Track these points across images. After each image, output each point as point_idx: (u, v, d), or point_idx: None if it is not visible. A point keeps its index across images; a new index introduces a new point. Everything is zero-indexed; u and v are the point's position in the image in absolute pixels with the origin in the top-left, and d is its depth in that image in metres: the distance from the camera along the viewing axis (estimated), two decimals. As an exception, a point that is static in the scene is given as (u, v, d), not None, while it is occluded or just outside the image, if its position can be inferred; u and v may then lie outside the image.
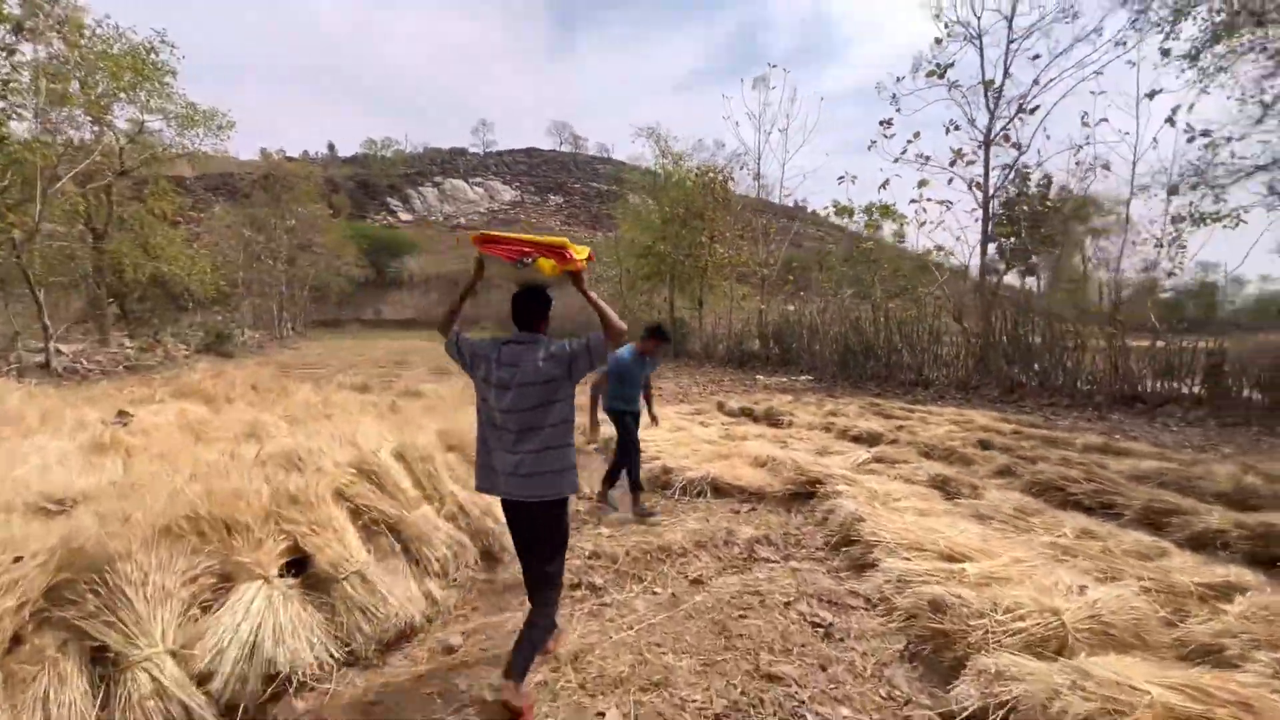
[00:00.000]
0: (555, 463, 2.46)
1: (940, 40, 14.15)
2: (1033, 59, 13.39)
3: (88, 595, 2.46)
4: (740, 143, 53.14)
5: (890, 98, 15.02)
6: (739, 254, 20.88)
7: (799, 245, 27.31)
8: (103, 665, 2.39)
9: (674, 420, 8.10)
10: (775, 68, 21.98)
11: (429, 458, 3.84)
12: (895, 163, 15.16)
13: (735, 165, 22.43)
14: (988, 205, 14.23)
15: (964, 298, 16.48)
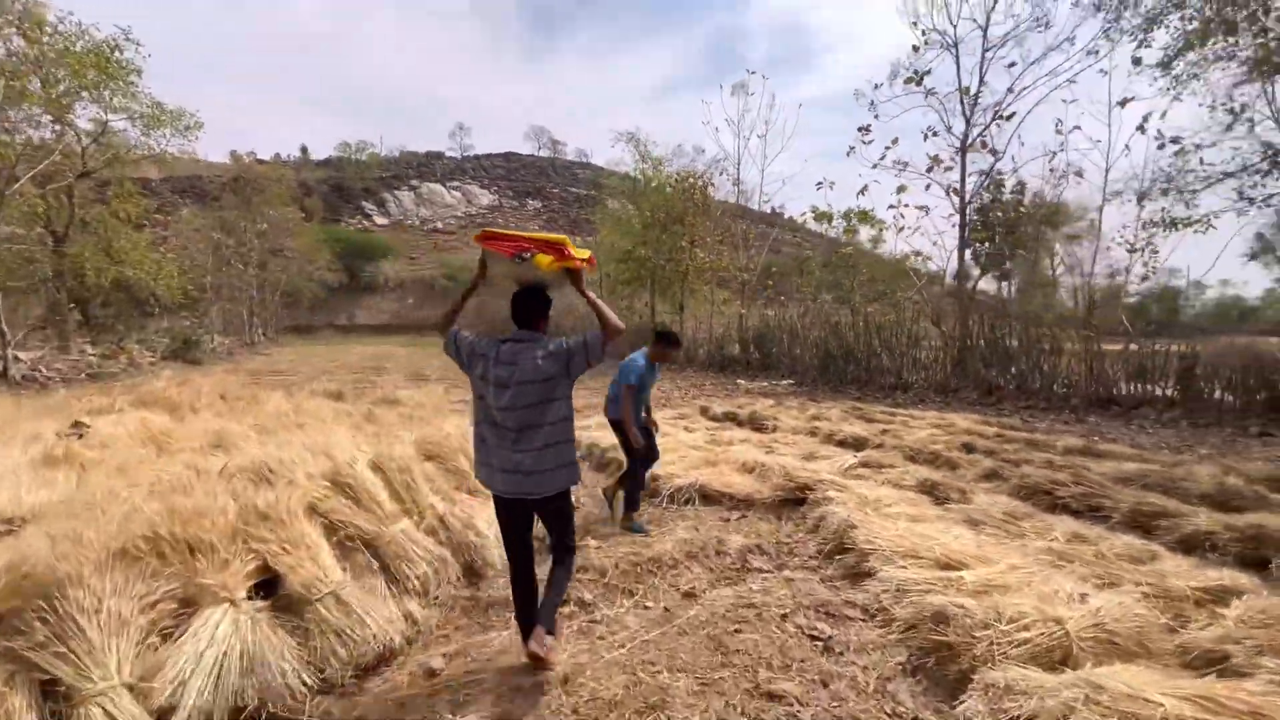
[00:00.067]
0: (556, 459, 2.51)
1: (918, 48, 14.34)
2: (1008, 66, 13.63)
3: (36, 624, 2.27)
4: (720, 148, 53.48)
5: (869, 104, 15.18)
6: (719, 259, 20.90)
7: (777, 251, 27.45)
8: (54, 700, 2.21)
9: (659, 426, 7.98)
10: (754, 74, 22.12)
11: (407, 469, 3.66)
12: (874, 169, 15.31)
13: (715, 171, 22.50)
14: (964, 210, 14.41)
15: (941, 302, 16.68)
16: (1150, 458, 6.50)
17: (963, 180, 14.39)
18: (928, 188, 15.00)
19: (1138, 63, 11.22)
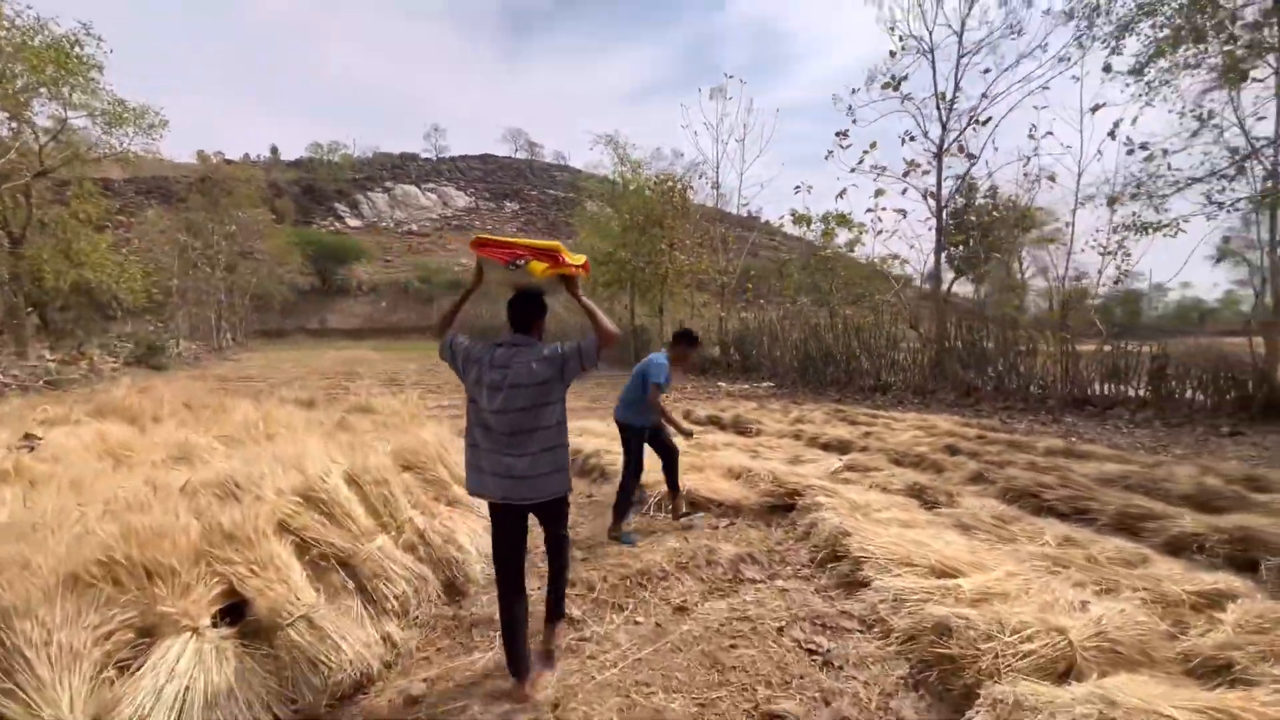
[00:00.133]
0: (551, 464, 2.49)
1: (895, 53, 14.47)
2: (983, 73, 13.83)
3: (-23, 660, 2.06)
4: (699, 151, 53.56)
5: (846, 109, 15.28)
6: (699, 262, 20.89)
7: (755, 255, 27.60)
8: (-1, 743, 2.01)
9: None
10: (732, 78, 22.18)
11: (384, 481, 3.48)
12: (852, 173, 15.42)
13: (694, 174, 22.50)
14: (941, 214, 14.57)
15: (918, 305, 16.86)
16: (1129, 458, 6.57)
17: (939, 184, 14.56)
18: (904, 191, 15.18)
19: (1108, 69, 11.46)
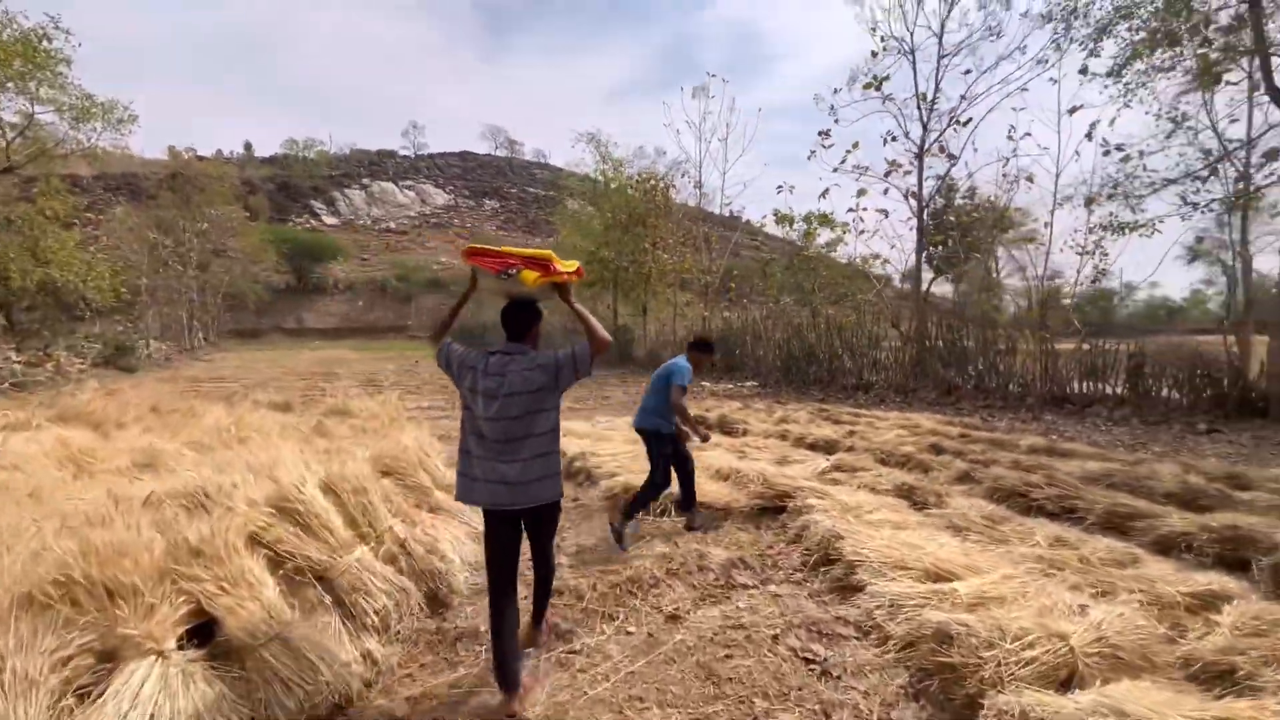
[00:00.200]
0: (543, 470, 2.51)
1: (876, 54, 14.54)
2: (964, 74, 13.94)
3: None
4: (681, 150, 53.54)
5: (829, 109, 15.32)
6: (682, 261, 20.83)
7: (737, 255, 27.62)
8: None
9: (628, 432, 7.76)
10: (715, 77, 22.13)
11: (362, 489, 3.33)
12: (835, 172, 15.47)
13: (676, 173, 22.43)
14: (922, 214, 14.68)
15: (898, 304, 16.98)
16: (1111, 456, 6.62)
17: (920, 184, 14.66)
18: (886, 191, 15.28)
19: (1084, 72, 11.61)
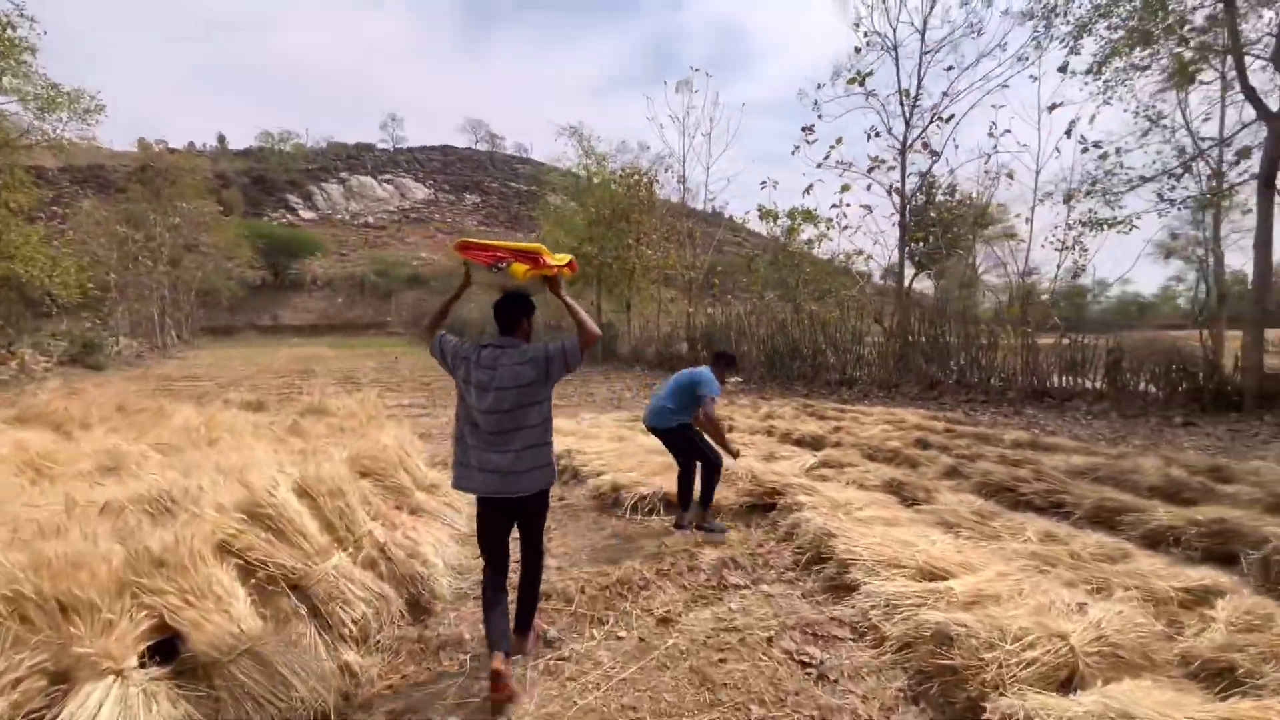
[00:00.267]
0: (534, 460, 2.57)
1: (860, 49, 14.55)
2: (946, 69, 14.01)
3: None
4: (665, 144, 53.33)
5: (812, 104, 15.31)
6: (667, 257, 20.73)
7: (720, 251, 27.60)
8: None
9: (614, 430, 7.67)
10: (699, 71, 21.98)
11: (339, 491, 3.19)
12: (818, 168, 15.47)
13: (660, 168, 22.28)
14: (905, 210, 14.73)
15: (881, 300, 17.06)
16: (1095, 450, 6.66)
17: (903, 180, 14.72)
18: (869, 187, 15.32)
19: (1064, 70, 11.71)
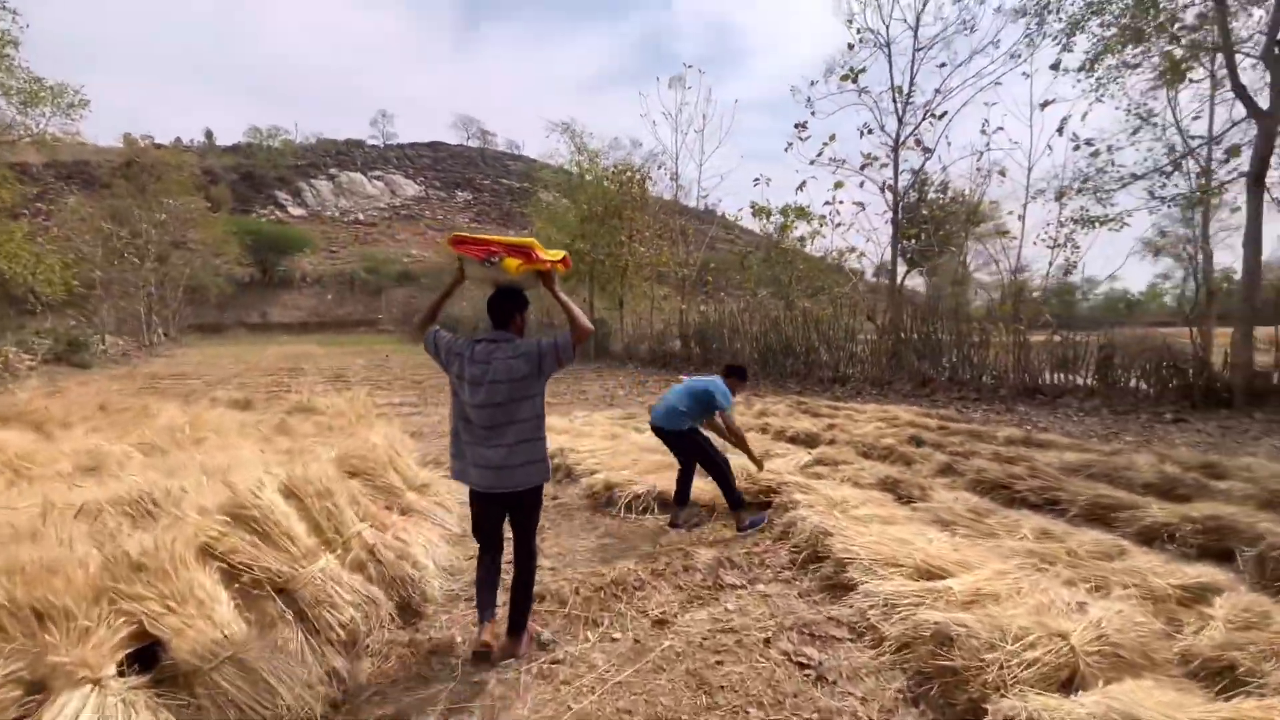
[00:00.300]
0: (526, 455, 2.58)
1: (853, 45, 14.52)
2: (939, 66, 14.00)
3: None
4: (657, 141, 53.35)
5: (805, 101, 15.27)
6: (660, 254, 20.66)
7: (713, 248, 27.59)
8: None
9: (607, 427, 7.61)
10: (691, 68, 21.90)
11: (327, 492, 3.11)
12: (811, 165, 15.44)
13: (653, 164, 22.21)
14: (898, 207, 14.74)
15: (874, 297, 17.08)
16: (1088, 446, 6.67)
17: (895, 177, 14.72)
18: (862, 185, 15.31)
19: (1056, 67, 11.74)
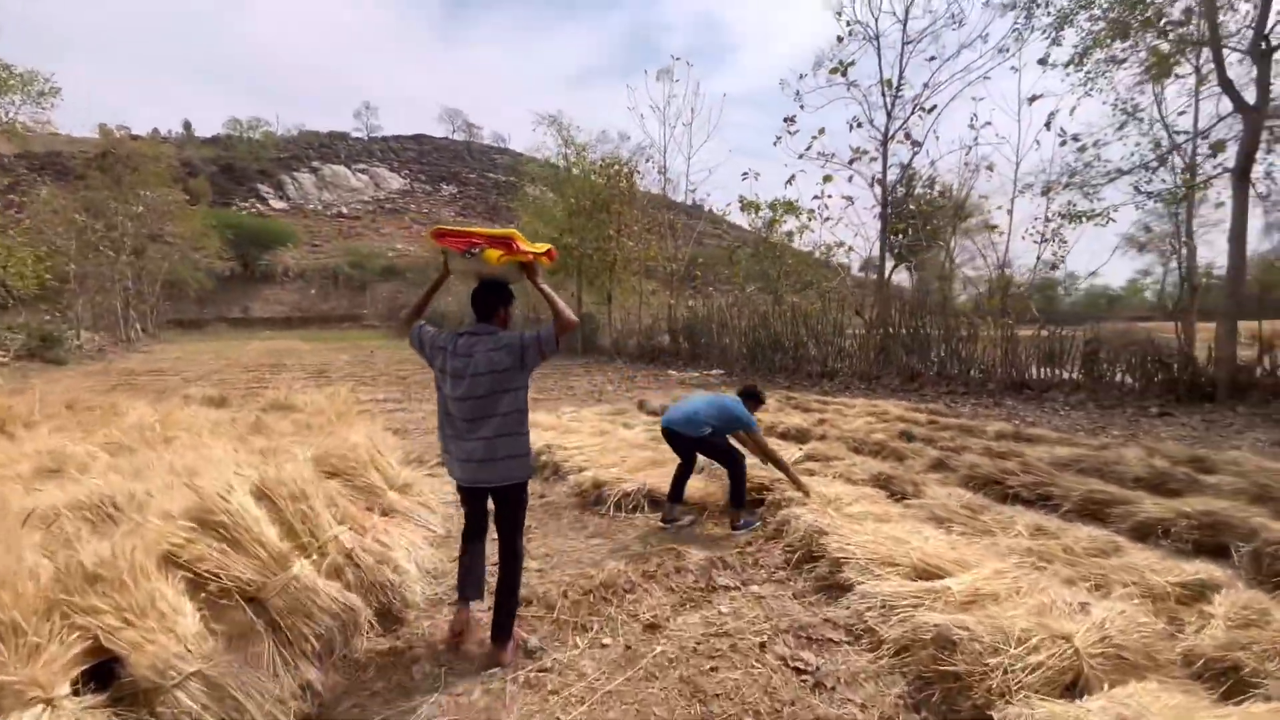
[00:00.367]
0: (507, 449, 2.56)
1: (842, 38, 14.45)
2: (928, 59, 13.98)
3: None
4: (645, 134, 53.10)
5: (794, 94, 15.20)
6: (648, 249, 20.53)
7: (701, 243, 27.52)
8: None
9: (596, 423, 7.49)
10: (679, 60, 21.77)
11: (302, 494, 2.96)
12: (800, 159, 15.40)
13: (641, 159, 22.06)
14: (886, 201, 14.73)
15: (862, 292, 17.08)
16: (1077, 441, 6.66)
17: (884, 171, 14.70)
18: (850, 179, 15.29)
19: (1044, 62, 11.75)
